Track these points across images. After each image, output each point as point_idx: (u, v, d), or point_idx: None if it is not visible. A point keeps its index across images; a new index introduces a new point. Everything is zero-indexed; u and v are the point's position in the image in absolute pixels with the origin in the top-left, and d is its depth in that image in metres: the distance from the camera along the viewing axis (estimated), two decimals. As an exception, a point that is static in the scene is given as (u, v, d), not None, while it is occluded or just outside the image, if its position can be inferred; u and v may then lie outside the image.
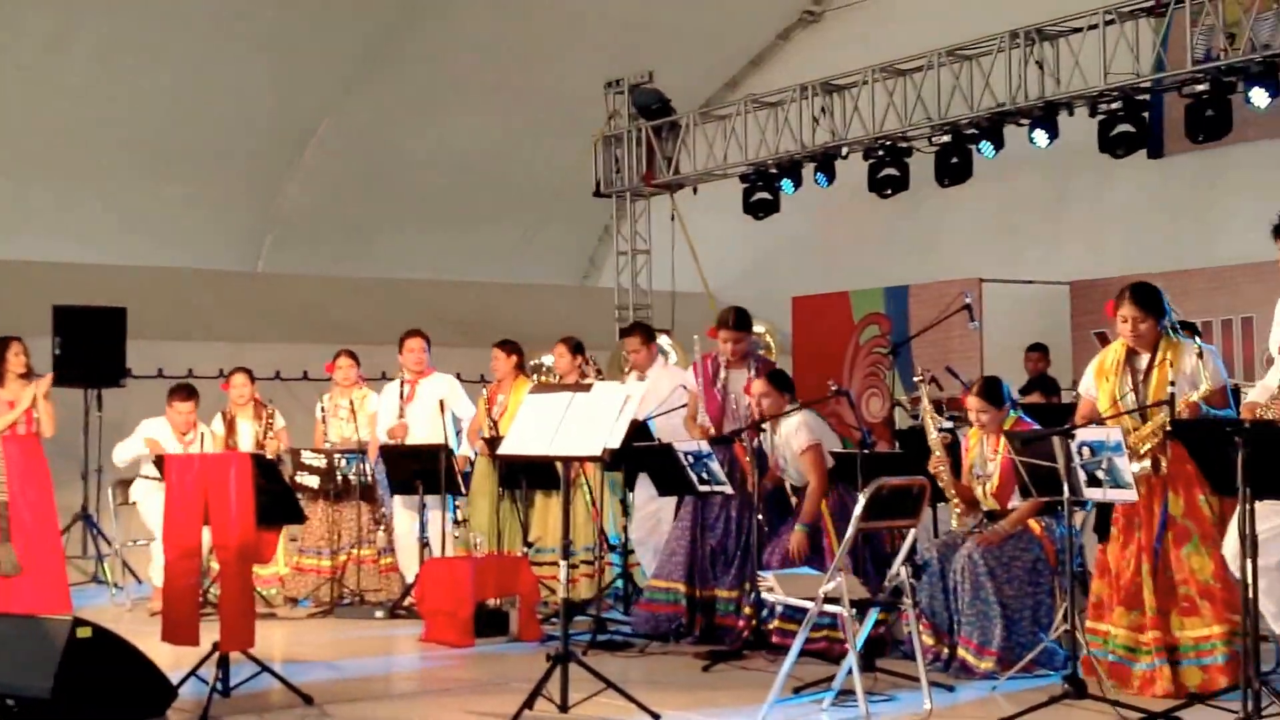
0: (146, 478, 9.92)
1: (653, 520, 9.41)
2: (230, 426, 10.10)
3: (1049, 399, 10.07)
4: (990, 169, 12.20)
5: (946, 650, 7.16)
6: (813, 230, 15.36)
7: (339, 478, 9.90)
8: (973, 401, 7.41)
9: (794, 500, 7.95)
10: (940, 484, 7.41)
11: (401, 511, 9.90)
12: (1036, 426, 7.28)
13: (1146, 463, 6.33)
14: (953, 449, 7.62)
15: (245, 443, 9.99)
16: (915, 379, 8.00)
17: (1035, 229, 13.88)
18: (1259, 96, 10.06)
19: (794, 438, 7.89)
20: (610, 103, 14.90)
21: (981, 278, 12.37)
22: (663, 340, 9.98)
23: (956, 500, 7.43)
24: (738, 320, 8.33)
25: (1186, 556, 6.38)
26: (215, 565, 7.92)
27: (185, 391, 10.07)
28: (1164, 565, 6.43)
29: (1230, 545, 5.90)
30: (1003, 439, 7.07)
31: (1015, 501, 7.16)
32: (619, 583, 9.49)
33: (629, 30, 15.27)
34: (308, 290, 14.75)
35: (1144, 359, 6.51)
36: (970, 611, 7.08)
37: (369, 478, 9.99)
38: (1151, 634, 6.39)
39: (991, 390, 7.41)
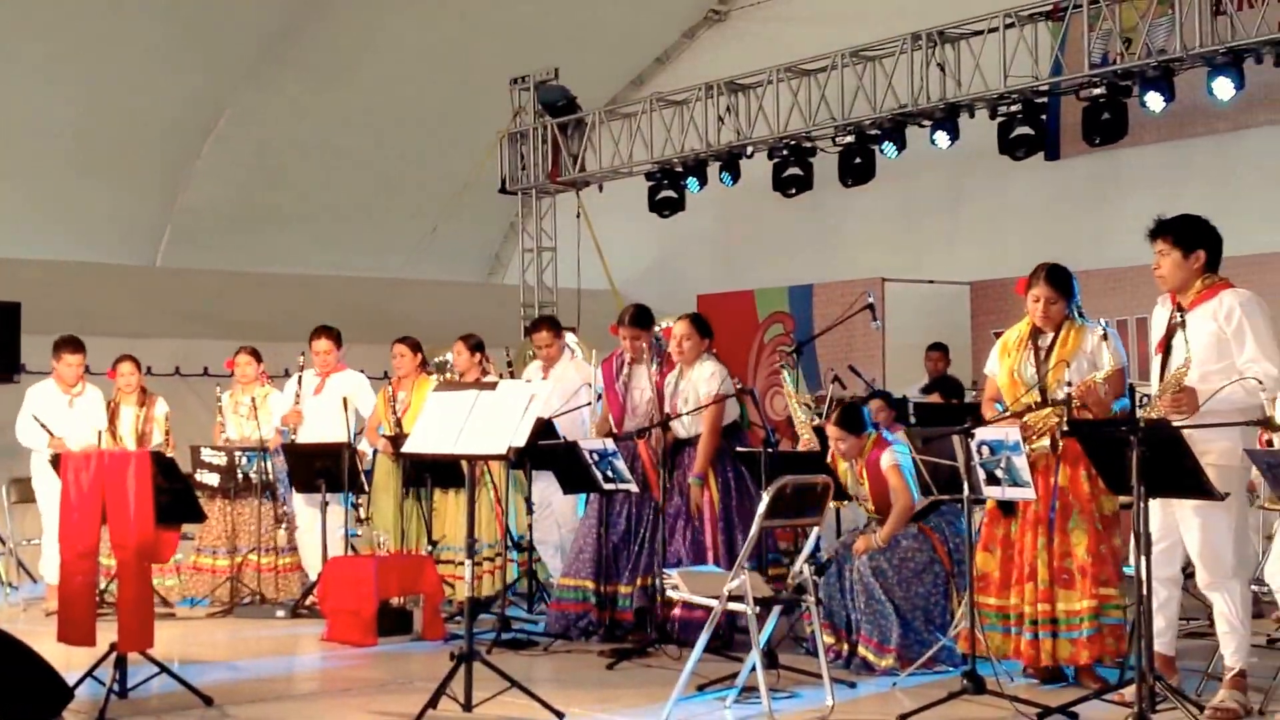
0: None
1: (549, 519, 9.43)
2: (114, 413, 9.96)
3: (949, 400, 10.19)
4: (893, 169, 12.34)
5: (846, 648, 7.24)
6: (718, 229, 15.43)
7: (239, 475, 9.79)
8: (832, 431, 7.51)
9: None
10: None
11: (304, 509, 9.82)
12: (895, 444, 7.38)
13: (1045, 441, 6.45)
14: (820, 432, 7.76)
15: (126, 430, 9.89)
16: (778, 364, 8.11)
17: (936, 229, 14.04)
18: (1154, 100, 10.25)
19: (704, 383, 7.93)
20: (516, 99, 14.87)
21: (884, 277, 12.50)
22: (569, 338, 9.98)
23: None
24: (635, 317, 8.35)
25: (1070, 530, 6.51)
26: (111, 563, 7.81)
27: (74, 344, 9.93)
28: (1054, 539, 6.55)
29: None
30: (891, 454, 7.23)
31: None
32: (522, 581, 9.48)
33: (534, 27, 15.23)
34: (207, 285, 14.55)
35: (1048, 338, 6.65)
36: (867, 611, 7.17)
37: (269, 475, 9.90)
38: (1042, 606, 6.51)
39: (849, 418, 7.49)
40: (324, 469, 9.33)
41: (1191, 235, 6.04)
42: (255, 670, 7.66)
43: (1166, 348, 6.10)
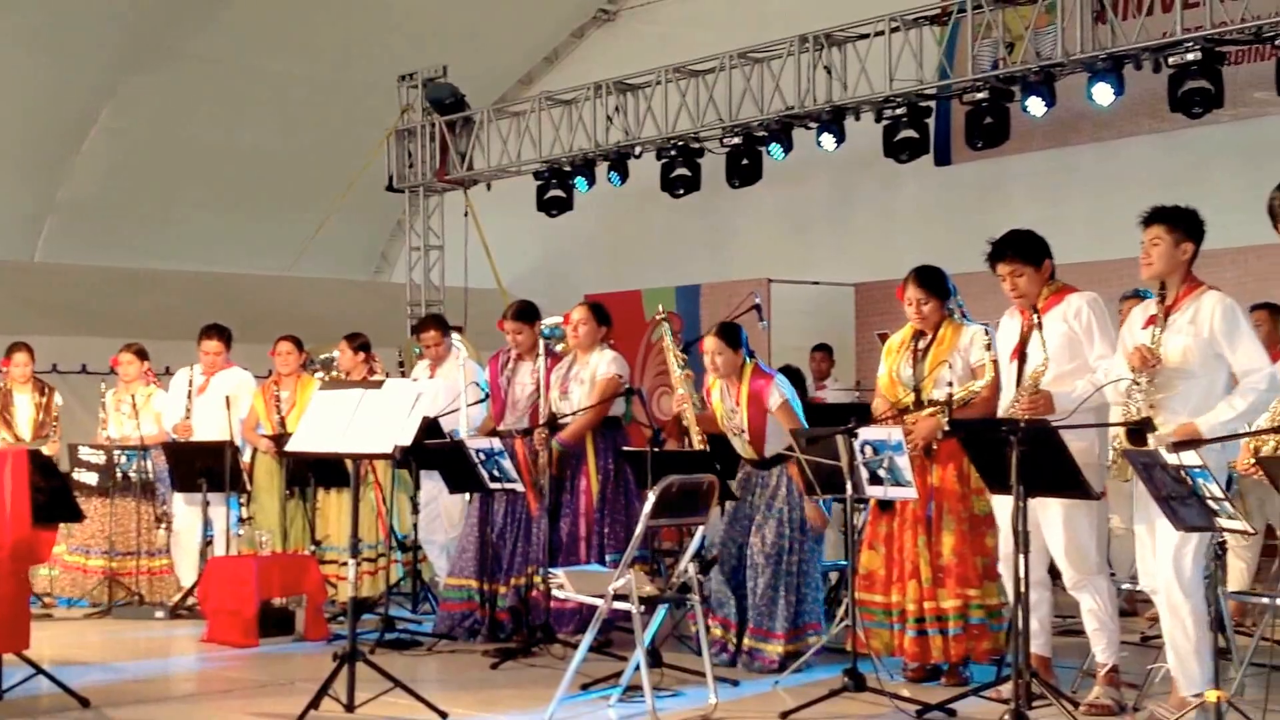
0: None
1: (437, 519, 9.38)
2: (5, 402, 9.76)
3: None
4: (783, 171, 12.43)
5: (734, 641, 7.27)
6: (606, 228, 15.46)
7: (118, 474, 9.62)
8: (709, 343, 7.33)
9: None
10: (684, 423, 7.53)
11: (184, 509, 9.67)
12: (777, 378, 7.38)
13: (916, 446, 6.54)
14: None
15: (22, 420, 9.72)
16: (657, 316, 8.13)
17: (824, 231, 14.18)
18: (1035, 105, 10.43)
19: (604, 365, 7.94)
20: (403, 96, 14.78)
21: (770, 278, 12.59)
22: (454, 337, 9.93)
23: (701, 437, 7.51)
24: (519, 312, 8.36)
25: (943, 529, 6.62)
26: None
27: None
28: (932, 537, 6.65)
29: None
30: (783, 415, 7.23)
31: (772, 449, 7.29)
32: (407, 581, 9.42)
33: (423, 24, 15.15)
34: (87, 281, 14.28)
35: (927, 340, 6.75)
36: (761, 599, 7.20)
37: (149, 475, 9.73)
38: (928, 604, 6.62)
39: (728, 332, 7.40)
40: (206, 468, 9.20)
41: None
42: (134, 672, 7.53)
43: (1021, 353, 6.22)
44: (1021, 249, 6.25)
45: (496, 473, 7.82)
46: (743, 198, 12.83)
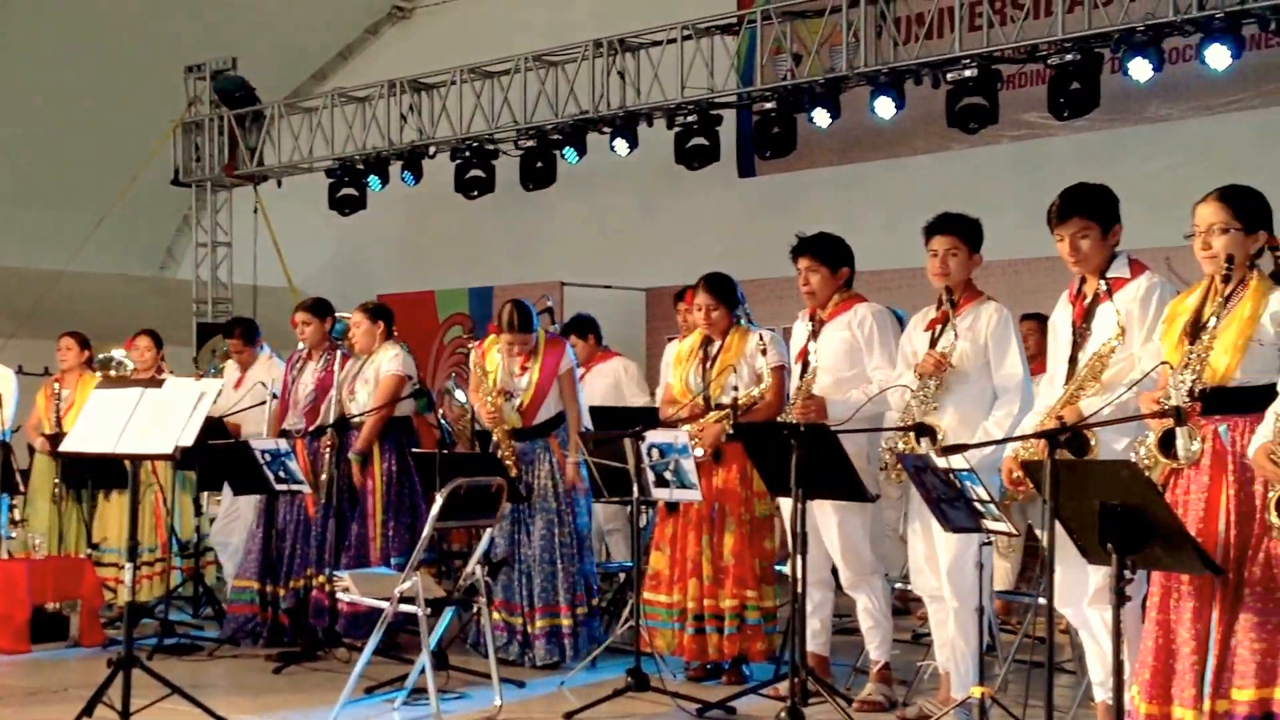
0: None
1: (235, 520, 9.21)
2: None
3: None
4: (577, 175, 12.49)
5: (521, 624, 7.30)
6: (400, 229, 15.32)
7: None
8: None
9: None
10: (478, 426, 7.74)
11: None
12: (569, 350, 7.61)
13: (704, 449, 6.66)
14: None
15: None
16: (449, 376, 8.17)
17: (623, 237, 14.23)
18: (821, 117, 10.68)
19: (387, 362, 7.89)
20: (191, 88, 14.45)
21: (563, 281, 12.64)
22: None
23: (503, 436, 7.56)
24: (312, 304, 8.37)
25: (724, 530, 6.75)
26: None
27: None
28: (714, 538, 6.78)
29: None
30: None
31: (544, 415, 7.42)
32: (188, 585, 9.24)
33: (213, 14, 14.81)
34: None
35: (716, 346, 6.87)
36: (541, 577, 7.28)
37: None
38: (708, 602, 6.74)
39: (522, 314, 7.53)
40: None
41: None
42: (-106, 681, 7.24)
43: (805, 359, 6.41)
44: (820, 249, 6.44)
45: (282, 474, 7.72)
46: (539, 200, 12.86)
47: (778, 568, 6.88)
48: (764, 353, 6.63)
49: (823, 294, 6.43)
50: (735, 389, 6.69)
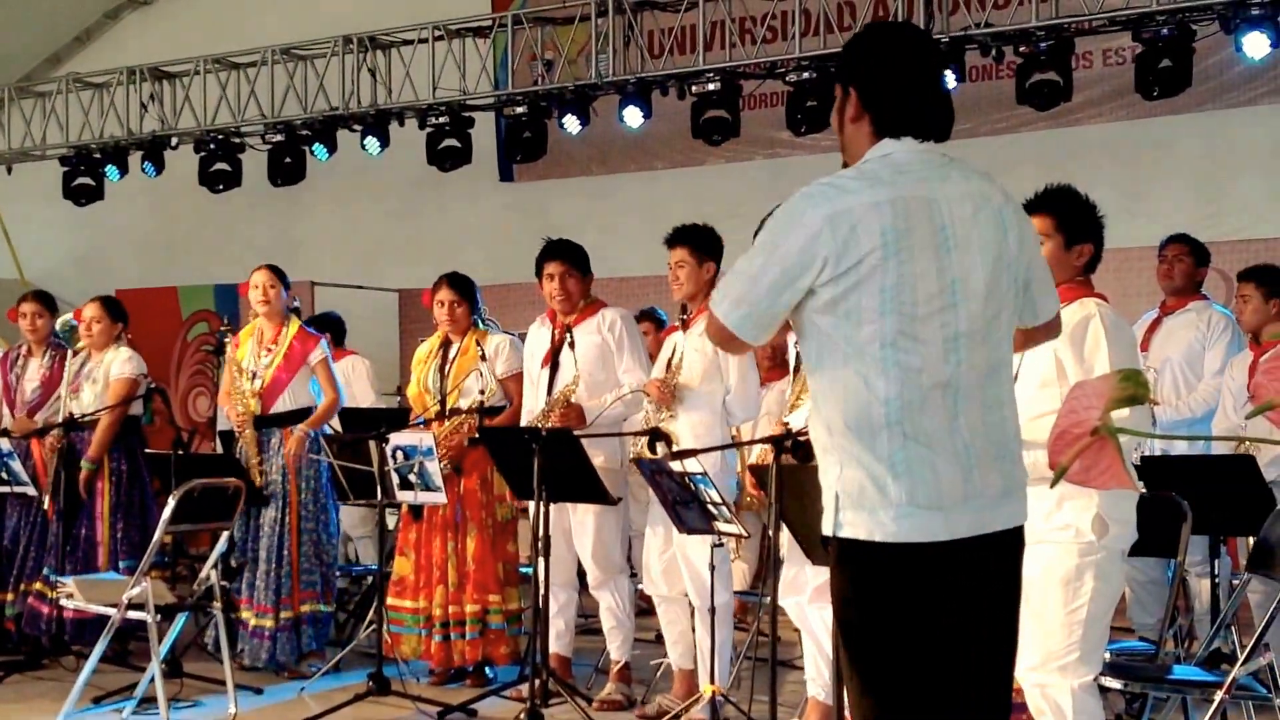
0: None
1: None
2: None
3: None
4: (333, 172, 12.31)
5: (270, 622, 7.14)
6: (143, 222, 14.82)
7: None
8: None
9: None
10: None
11: None
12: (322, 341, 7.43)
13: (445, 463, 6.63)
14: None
15: None
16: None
17: (379, 239, 14.04)
18: (571, 123, 10.77)
19: (118, 364, 7.61)
20: (-85, 69, 13.78)
21: (313, 281, 12.42)
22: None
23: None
24: (38, 294, 8.11)
25: (467, 535, 6.75)
26: None
27: None
28: (459, 543, 6.77)
29: None
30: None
31: (283, 406, 7.22)
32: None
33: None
34: None
35: (455, 347, 6.86)
36: (278, 569, 7.13)
37: None
38: (453, 608, 6.73)
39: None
40: None
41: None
42: None
43: (553, 363, 6.47)
44: (570, 254, 6.51)
45: (5, 475, 7.43)
46: (290, 197, 12.62)
47: (523, 569, 6.91)
48: (491, 359, 6.69)
49: (574, 296, 6.51)
50: (481, 393, 6.70)
